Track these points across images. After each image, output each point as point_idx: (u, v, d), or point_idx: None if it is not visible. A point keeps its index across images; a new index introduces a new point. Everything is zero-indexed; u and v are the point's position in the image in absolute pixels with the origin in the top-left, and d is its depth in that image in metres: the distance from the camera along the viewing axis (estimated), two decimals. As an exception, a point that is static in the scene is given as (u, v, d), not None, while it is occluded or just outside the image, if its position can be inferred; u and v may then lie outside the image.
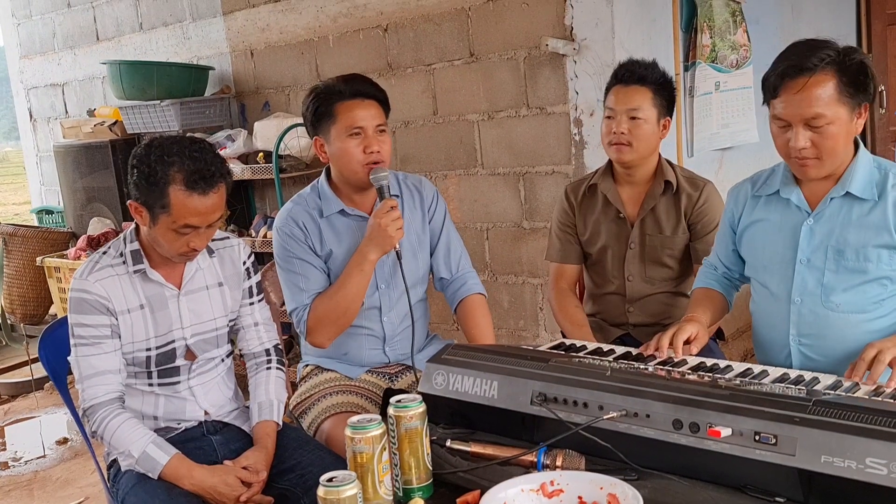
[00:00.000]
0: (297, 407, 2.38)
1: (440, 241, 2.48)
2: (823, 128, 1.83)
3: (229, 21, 4.73)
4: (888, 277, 1.91)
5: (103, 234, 4.78)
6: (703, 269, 2.29)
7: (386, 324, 2.41)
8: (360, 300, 2.29)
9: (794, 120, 1.84)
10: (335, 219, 2.37)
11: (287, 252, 2.35)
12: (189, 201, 1.93)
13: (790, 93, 1.83)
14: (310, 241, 2.35)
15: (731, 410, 1.44)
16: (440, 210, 2.50)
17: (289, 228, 2.36)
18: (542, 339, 3.79)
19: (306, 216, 2.36)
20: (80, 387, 2.02)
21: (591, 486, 1.40)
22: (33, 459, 3.99)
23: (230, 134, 4.41)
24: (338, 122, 2.27)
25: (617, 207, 2.57)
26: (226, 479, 1.97)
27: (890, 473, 1.27)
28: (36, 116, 6.23)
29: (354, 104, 2.27)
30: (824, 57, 1.80)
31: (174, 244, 2.00)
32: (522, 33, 3.59)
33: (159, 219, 1.97)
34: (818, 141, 1.84)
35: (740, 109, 3.94)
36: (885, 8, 4.95)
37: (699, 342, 2.00)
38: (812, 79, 1.80)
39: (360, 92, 2.29)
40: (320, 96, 2.30)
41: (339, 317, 2.27)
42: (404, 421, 1.53)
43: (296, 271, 2.33)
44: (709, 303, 2.18)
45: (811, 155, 1.86)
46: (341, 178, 2.36)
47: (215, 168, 1.96)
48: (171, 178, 1.92)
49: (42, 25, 5.93)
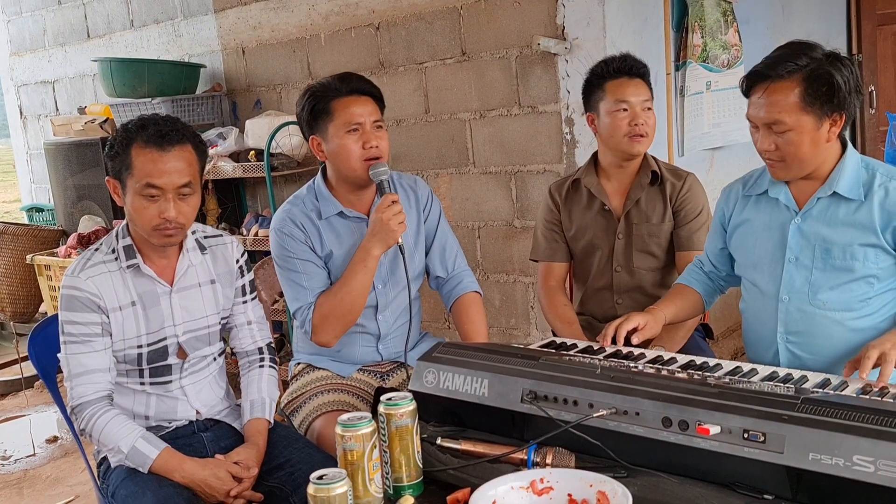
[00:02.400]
0: (289, 405, 2.38)
1: (435, 241, 2.49)
2: (784, 133, 1.86)
3: (221, 19, 4.72)
4: (874, 276, 1.92)
5: (94, 232, 4.76)
6: (691, 266, 2.33)
7: (381, 322, 2.41)
8: (364, 296, 2.28)
9: (757, 122, 1.91)
10: (334, 220, 2.35)
11: (287, 252, 2.33)
12: (148, 157, 1.95)
13: (755, 95, 1.89)
14: (310, 242, 2.33)
15: (720, 408, 1.45)
16: (435, 209, 2.50)
17: (288, 229, 2.33)
18: (533, 338, 3.79)
19: (304, 218, 2.34)
20: (69, 385, 2.01)
21: (580, 483, 1.40)
22: (23, 458, 3.98)
23: (221, 132, 4.40)
24: (335, 119, 2.26)
25: (602, 201, 2.59)
26: (216, 472, 1.97)
27: (877, 471, 1.28)
28: (26, 114, 6.20)
29: (351, 101, 2.27)
30: (793, 66, 1.82)
31: (144, 214, 1.97)
32: (514, 32, 3.59)
33: (127, 185, 1.98)
34: (781, 145, 1.88)
35: (731, 109, 3.96)
36: (874, 9, 4.98)
37: (644, 333, 2.05)
38: (774, 85, 1.84)
39: (356, 89, 2.29)
40: (316, 94, 2.29)
41: (344, 314, 2.26)
42: (395, 419, 1.54)
43: (297, 270, 2.31)
44: (679, 299, 2.22)
45: (776, 157, 1.91)
46: (339, 176, 2.34)
47: (175, 128, 1.99)
48: (132, 140, 1.97)
49: (32, 22, 5.91)
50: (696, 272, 2.29)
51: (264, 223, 4.31)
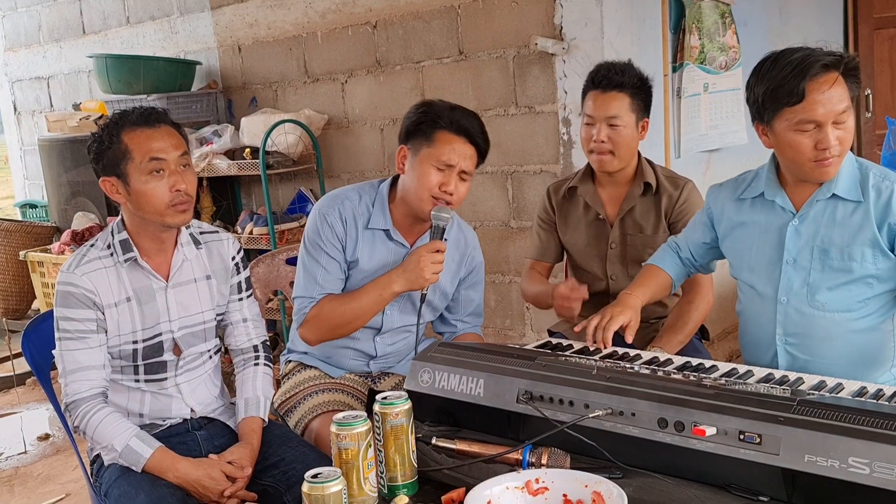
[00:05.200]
0: (283, 405, 2.37)
1: (463, 294, 2.45)
2: (846, 123, 1.85)
3: (217, 16, 4.71)
4: (873, 276, 1.92)
5: (87, 229, 4.74)
6: (665, 247, 2.30)
7: (378, 343, 2.38)
8: (366, 320, 2.24)
9: (826, 119, 1.83)
10: (377, 234, 2.29)
11: (318, 238, 2.27)
12: (142, 135, 1.98)
13: (818, 93, 1.82)
14: (344, 241, 2.28)
15: (716, 410, 1.45)
16: (479, 268, 2.47)
17: (332, 218, 2.27)
18: (528, 339, 3.79)
19: (351, 216, 2.28)
20: (64, 381, 2.00)
21: (575, 484, 1.40)
22: (14, 455, 3.96)
23: (217, 129, 4.39)
24: (432, 148, 2.17)
25: (596, 210, 2.57)
26: (210, 472, 1.96)
27: (872, 473, 1.28)
28: (20, 109, 6.18)
29: (455, 139, 2.17)
30: (830, 59, 1.83)
31: (156, 193, 1.98)
32: (512, 32, 3.59)
33: (129, 173, 1.97)
34: (842, 138, 1.86)
35: (729, 111, 3.96)
36: (871, 12, 4.99)
37: (631, 327, 2.04)
38: (837, 76, 1.83)
39: (466, 129, 2.19)
40: (430, 114, 2.20)
41: (339, 325, 2.24)
42: (390, 418, 1.53)
43: (319, 261, 2.26)
44: (654, 283, 2.21)
45: (837, 153, 1.87)
46: (406, 197, 2.25)
47: (154, 110, 2.05)
48: (120, 130, 1.99)
49: (27, 18, 5.89)
50: (672, 255, 2.26)
51: (259, 221, 4.30)
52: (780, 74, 1.85)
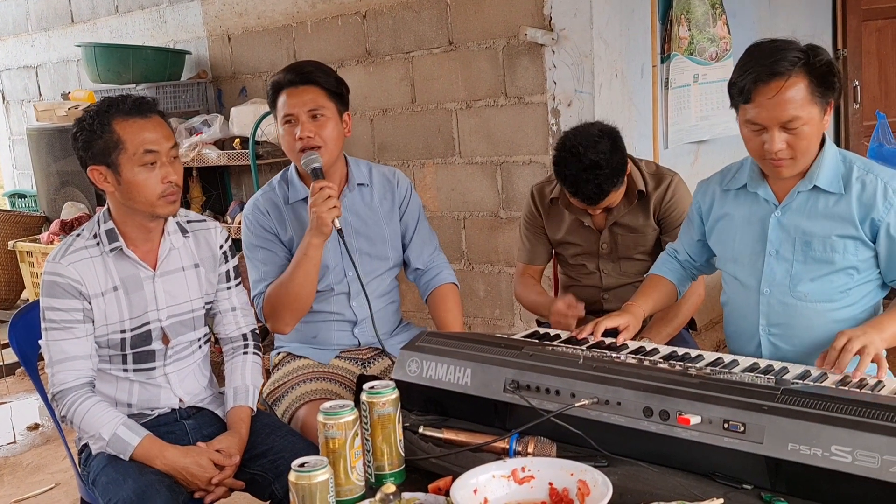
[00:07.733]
0: (271, 395, 2.37)
1: (416, 234, 2.49)
2: (798, 129, 1.85)
3: (206, 5, 4.69)
4: (854, 267, 1.94)
5: (76, 219, 4.73)
6: (664, 255, 2.32)
7: (356, 308, 2.42)
8: (310, 285, 2.28)
9: (769, 124, 1.85)
10: (299, 206, 2.38)
11: (249, 239, 2.39)
12: (135, 125, 1.97)
13: (764, 97, 1.83)
14: (273, 229, 2.37)
15: (701, 398, 1.46)
16: (414, 203, 2.51)
17: (254, 216, 2.39)
18: (517, 329, 3.80)
19: (271, 204, 2.39)
20: (50, 371, 2.00)
21: (561, 472, 1.41)
22: (3, 445, 3.95)
23: (206, 119, 4.37)
24: (277, 111, 2.32)
25: (581, 220, 2.55)
26: (198, 460, 1.96)
27: (854, 461, 1.30)
28: (8, 98, 6.14)
29: (291, 92, 2.30)
30: (794, 60, 1.82)
31: (148, 185, 1.98)
32: (501, 22, 3.58)
33: (120, 164, 1.97)
34: (793, 142, 1.86)
35: (719, 102, 3.96)
36: (860, 4, 5.01)
37: (627, 333, 2.05)
38: (786, 83, 1.82)
39: (296, 80, 2.30)
40: (273, 85, 2.34)
41: (291, 302, 2.28)
42: (377, 407, 1.54)
43: (257, 258, 2.37)
44: (655, 292, 2.22)
45: (786, 156, 1.88)
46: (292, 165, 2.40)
47: (144, 99, 2.04)
48: (111, 119, 1.97)
49: (15, 6, 5.84)
50: (670, 261, 2.29)
51: (245, 213, 4.29)
52: (740, 69, 1.88)
